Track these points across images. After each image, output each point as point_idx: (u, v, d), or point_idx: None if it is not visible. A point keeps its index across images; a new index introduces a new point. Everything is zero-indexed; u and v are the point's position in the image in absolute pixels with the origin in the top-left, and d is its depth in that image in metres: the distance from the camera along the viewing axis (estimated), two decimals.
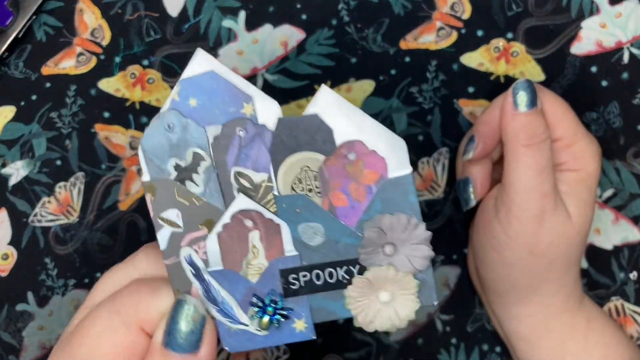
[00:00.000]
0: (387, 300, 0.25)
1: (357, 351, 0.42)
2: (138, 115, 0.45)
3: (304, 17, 0.45)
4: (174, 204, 0.24)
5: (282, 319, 0.25)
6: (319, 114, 0.23)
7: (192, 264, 0.24)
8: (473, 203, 0.40)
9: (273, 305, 0.25)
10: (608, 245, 0.43)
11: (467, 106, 0.44)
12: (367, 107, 0.44)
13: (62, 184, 0.44)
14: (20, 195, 0.44)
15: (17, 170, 0.44)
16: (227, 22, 0.46)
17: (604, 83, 0.44)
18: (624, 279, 0.43)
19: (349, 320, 0.42)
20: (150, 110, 0.45)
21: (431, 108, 0.44)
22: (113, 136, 0.44)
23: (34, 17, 0.45)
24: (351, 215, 0.25)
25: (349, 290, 0.25)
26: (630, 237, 0.43)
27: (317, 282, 0.25)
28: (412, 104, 0.44)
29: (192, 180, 0.24)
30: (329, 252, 0.25)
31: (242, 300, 0.25)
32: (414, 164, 0.44)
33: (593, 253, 0.43)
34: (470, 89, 0.45)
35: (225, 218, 0.24)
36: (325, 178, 0.24)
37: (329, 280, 0.25)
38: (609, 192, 0.44)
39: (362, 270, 0.25)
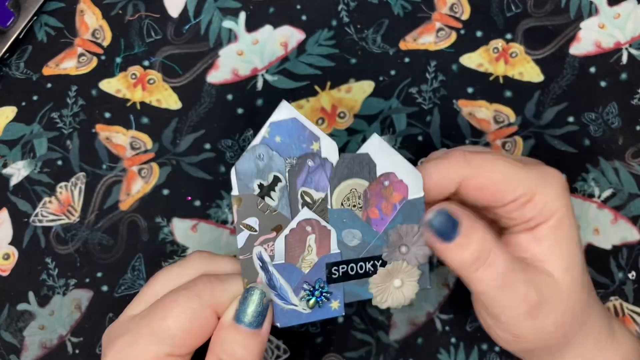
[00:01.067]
0: (398, 285, 0.34)
1: (356, 350, 0.42)
2: (139, 116, 0.45)
3: (304, 17, 0.46)
4: (254, 213, 0.32)
5: (325, 300, 0.33)
6: (369, 153, 0.33)
7: (261, 258, 0.32)
8: None
9: (320, 289, 0.33)
10: (607, 245, 0.44)
11: (466, 107, 0.45)
12: (367, 107, 0.44)
13: (63, 184, 0.44)
14: (21, 195, 0.44)
15: (18, 171, 0.44)
16: (227, 23, 0.46)
17: (603, 83, 0.45)
18: (622, 279, 0.43)
19: (349, 320, 0.42)
20: (151, 111, 0.45)
21: (430, 108, 0.45)
22: (114, 136, 0.44)
23: (35, 17, 0.45)
24: (380, 224, 0.34)
25: (373, 278, 0.34)
26: (629, 237, 0.44)
27: (351, 273, 0.34)
28: (412, 104, 0.44)
29: (270, 196, 0.32)
30: (361, 250, 0.34)
31: (295, 287, 0.33)
32: (413, 163, 0.44)
33: (592, 253, 0.44)
34: (470, 90, 0.45)
35: (292, 224, 0.32)
36: (367, 197, 0.33)
37: (359, 271, 0.34)
38: (607, 192, 0.44)
39: (383, 264, 0.34)
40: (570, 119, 0.44)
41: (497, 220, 0.36)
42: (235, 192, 0.31)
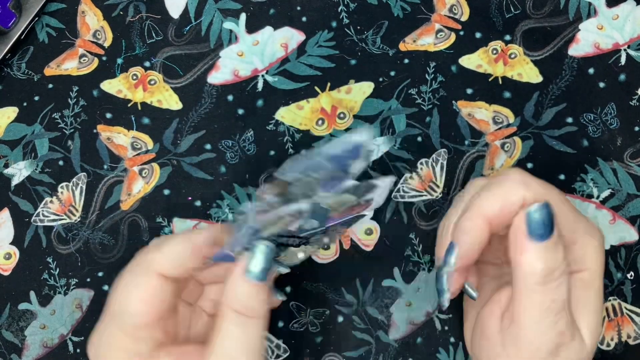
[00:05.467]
0: (301, 257, 0.37)
1: (356, 350, 0.42)
2: (140, 116, 0.45)
3: (304, 19, 0.46)
4: (276, 193, 0.34)
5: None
6: (379, 186, 0.36)
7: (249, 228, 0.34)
8: (446, 300, 0.36)
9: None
10: (605, 246, 0.44)
11: (465, 107, 0.45)
12: (366, 108, 0.45)
13: (64, 184, 0.44)
14: (22, 195, 0.44)
15: (19, 171, 0.44)
16: (228, 24, 0.46)
17: (602, 84, 0.45)
18: (621, 279, 0.43)
19: (349, 320, 0.42)
20: (152, 111, 0.45)
21: (430, 109, 0.45)
22: (115, 137, 0.45)
23: (37, 18, 0.46)
24: (332, 222, 0.36)
25: (290, 248, 0.36)
26: (627, 238, 0.44)
27: (283, 241, 0.35)
28: (411, 105, 0.45)
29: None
30: (303, 232, 0.35)
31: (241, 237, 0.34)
32: (413, 164, 0.44)
33: None
34: (469, 91, 0.45)
35: (289, 210, 0.34)
36: (346, 208, 0.36)
37: (288, 243, 0.35)
38: (606, 193, 0.44)
39: (305, 244, 0.36)
40: (569, 119, 0.44)
41: None
42: (277, 174, 0.34)
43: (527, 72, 0.45)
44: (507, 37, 0.45)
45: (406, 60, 0.45)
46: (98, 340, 0.35)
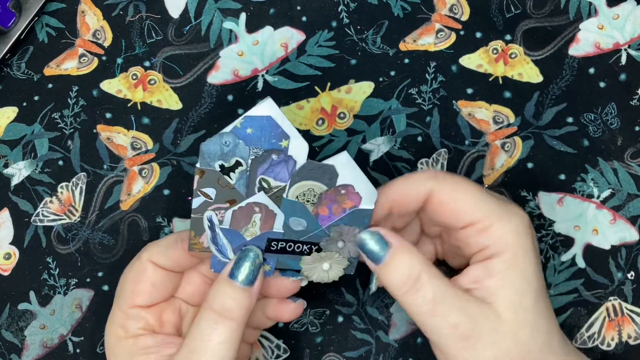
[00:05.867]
0: (326, 269, 0.37)
1: (356, 350, 0.42)
2: (140, 116, 0.45)
3: (304, 19, 0.46)
4: (212, 185, 0.34)
5: None
6: (335, 166, 0.35)
7: (210, 220, 0.35)
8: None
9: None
10: (606, 245, 0.44)
11: (465, 107, 0.45)
12: (367, 108, 0.45)
13: (64, 184, 0.44)
14: (22, 195, 0.44)
15: (19, 171, 0.44)
16: (228, 24, 0.46)
17: (602, 84, 0.45)
18: (621, 279, 0.43)
19: (349, 320, 0.42)
20: (152, 111, 0.45)
21: (430, 109, 0.45)
22: (115, 137, 0.45)
23: (36, 18, 0.46)
24: (327, 221, 0.36)
25: (305, 257, 0.37)
26: (627, 237, 0.44)
27: (288, 249, 0.36)
28: (412, 105, 0.45)
29: (229, 175, 0.34)
30: (303, 235, 0.36)
31: (235, 248, 0.35)
32: (413, 164, 0.44)
33: (591, 253, 0.44)
34: (469, 90, 0.45)
35: (243, 203, 0.35)
36: (321, 198, 0.35)
37: (296, 250, 0.36)
38: (606, 193, 0.44)
39: (318, 250, 0.37)
40: (570, 119, 0.44)
41: (460, 249, 0.36)
42: (198, 165, 0.34)
43: (527, 71, 0.45)
44: (508, 37, 0.45)
45: (406, 60, 0.45)
46: (108, 324, 0.38)
